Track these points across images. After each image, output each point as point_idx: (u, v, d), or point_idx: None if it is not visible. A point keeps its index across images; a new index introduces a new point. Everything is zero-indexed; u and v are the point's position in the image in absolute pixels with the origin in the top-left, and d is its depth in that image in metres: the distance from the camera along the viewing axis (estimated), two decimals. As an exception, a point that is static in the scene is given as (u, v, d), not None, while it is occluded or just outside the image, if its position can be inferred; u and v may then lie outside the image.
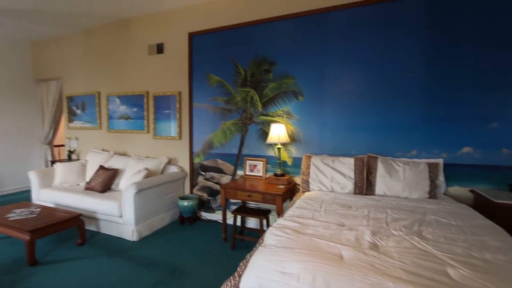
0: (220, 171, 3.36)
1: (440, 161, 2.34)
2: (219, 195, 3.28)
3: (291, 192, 2.72)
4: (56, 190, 3.37)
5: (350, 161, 2.49)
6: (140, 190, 2.82)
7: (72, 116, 4.60)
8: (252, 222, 3.11)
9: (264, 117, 3.06)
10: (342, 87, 2.71)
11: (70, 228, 2.68)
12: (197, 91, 3.44)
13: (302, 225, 1.61)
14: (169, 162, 3.59)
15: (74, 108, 4.55)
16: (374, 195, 2.34)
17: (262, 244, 1.44)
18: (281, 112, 2.97)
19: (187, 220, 3.27)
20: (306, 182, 2.58)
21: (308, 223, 1.65)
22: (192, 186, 3.54)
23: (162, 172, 3.45)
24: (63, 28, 4.23)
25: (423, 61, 2.40)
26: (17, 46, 4.84)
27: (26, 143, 4.99)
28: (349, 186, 2.42)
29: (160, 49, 3.63)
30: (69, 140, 4.63)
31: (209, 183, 3.43)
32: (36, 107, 5.11)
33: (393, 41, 2.49)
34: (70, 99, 4.57)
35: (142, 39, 3.76)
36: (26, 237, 2.26)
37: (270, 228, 1.61)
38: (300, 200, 2.19)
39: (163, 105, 3.68)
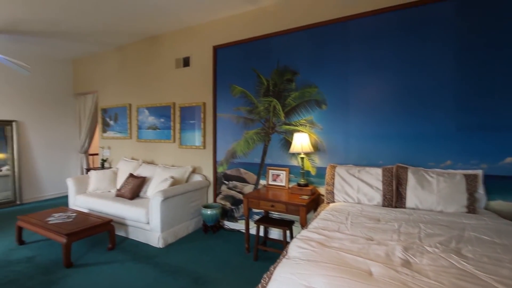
0: (243, 180, 3.38)
1: (479, 172, 2.16)
2: (242, 205, 3.29)
3: (315, 203, 2.66)
4: (90, 196, 3.58)
5: (378, 171, 2.39)
6: (166, 198, 2.91)
7: (105, 126, 4.92)
8: (275, 233, 3.07)
9: (287, 127, 3.05)
10: (368, 95, 2.64)
11: (102, 233, 2.83)
12: (220, 101, 3.53)
13: (328, 237, 1.56)
14: (194, 171, 3.68)
15: (108, 119, 4.87)
16: (404, 208, 2.21)
17: (286, 256, 1.41)
18: (304, 121, 2.95)
19: (211, 228, 3.31)
20: (331, 193, 2.51)
21: (333, 235, 1.59)
22: (216, 195, 3.59)
23: (187, 180, 3.54)
24: (100, 46, 4.60)
25: (455, 67, 2.27)
26: (61, 64, 5.33)
27: (64, 152, 5.41)
28: (377, 198, 2.31)
29: (186, 62, 3.81)
30: (102, 149, 4.94)
31: (232, 192, 3.45)
32: (74, 119, 5.55)
33: (421, 47, 2.39)
34: (104, 111, 4.90)
35: (169, 53, 3.97)
36: (63, 240, 2.42)
37: (294, 239, 1.58)
38: (325, 211, 2.13)
39: (188, 115, 3.82)
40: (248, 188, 3.32)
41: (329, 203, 2.48)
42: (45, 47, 4.52)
